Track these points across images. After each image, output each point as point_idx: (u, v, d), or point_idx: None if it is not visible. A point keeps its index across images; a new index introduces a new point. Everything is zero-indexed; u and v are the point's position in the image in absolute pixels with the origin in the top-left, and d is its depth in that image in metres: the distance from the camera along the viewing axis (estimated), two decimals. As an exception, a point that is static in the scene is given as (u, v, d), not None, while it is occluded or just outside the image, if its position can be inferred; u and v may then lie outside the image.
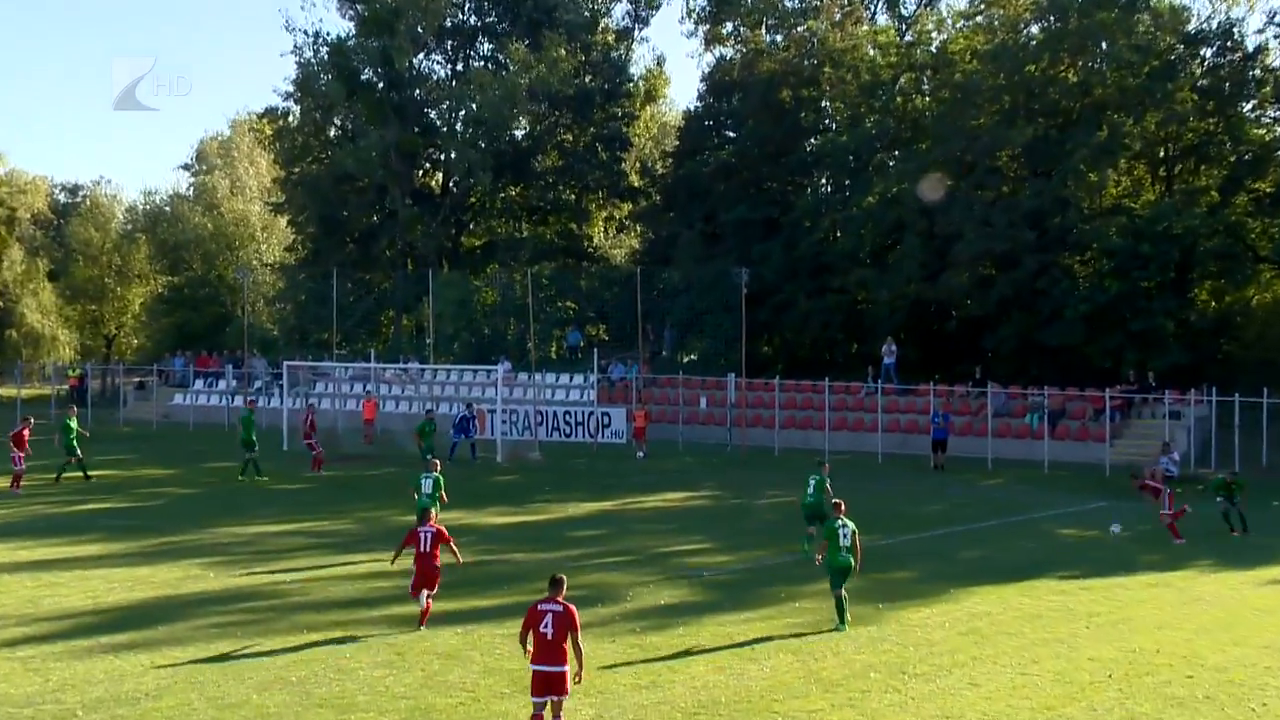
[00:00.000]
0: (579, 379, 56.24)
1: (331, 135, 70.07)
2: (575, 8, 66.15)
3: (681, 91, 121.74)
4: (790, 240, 56.77)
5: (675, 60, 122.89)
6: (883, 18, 63.58)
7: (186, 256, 79.97)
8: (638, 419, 48.22)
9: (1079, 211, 51.06)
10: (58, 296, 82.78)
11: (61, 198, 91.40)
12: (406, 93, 66.20)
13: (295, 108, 69.61)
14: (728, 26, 63.86)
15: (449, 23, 66.94)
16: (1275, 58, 51.93)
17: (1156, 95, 50.64)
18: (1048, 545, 29.68)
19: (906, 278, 52.79)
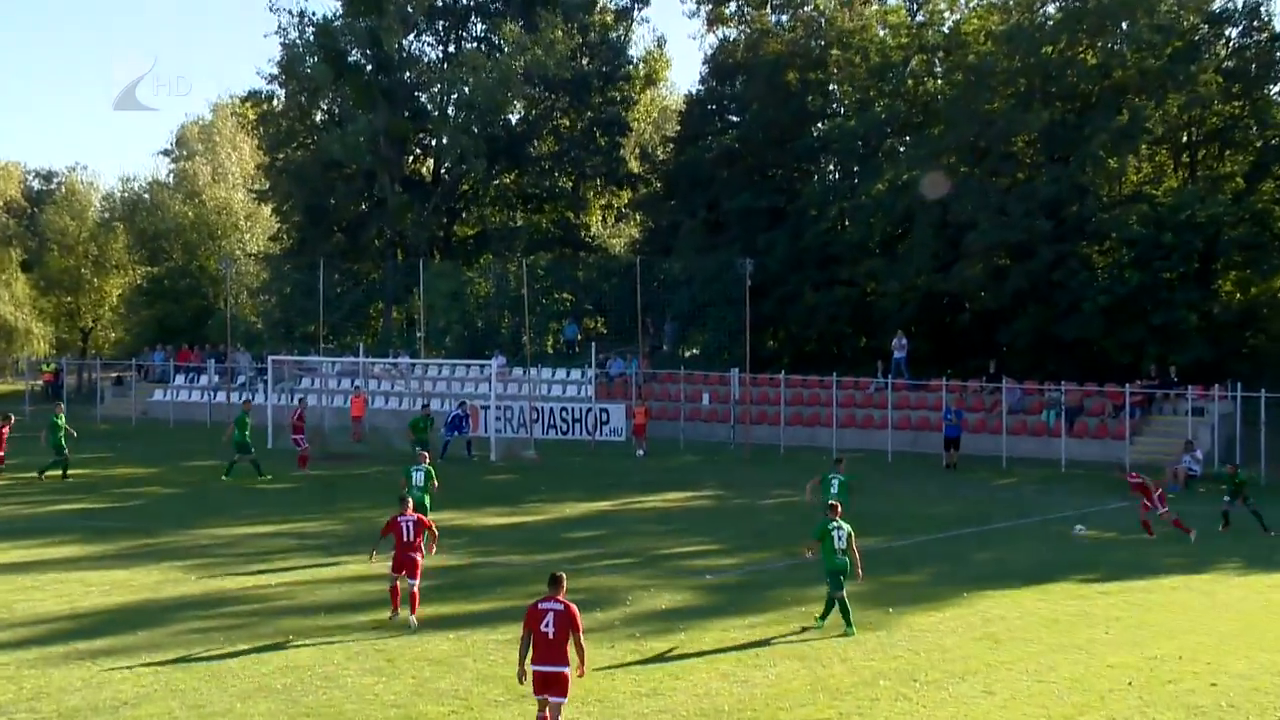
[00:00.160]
0: (576, 374, 56.22)
1: (318, 120, 69.96)
2: (572, -14, 66.14)
3: (683, 74, 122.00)
4: (796, 230, 56.75)
5: (676, 42, 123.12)
6: (893, -3, 63.57)
7: (166, 246, 79.90)
8: (637, 416, 48.22)
9: (1098, 199, 51.04)
10: (31, 288, 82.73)
11: (35, 184, 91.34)
12: (396, 75, 66.12)
13: (280, 91, 69.49)
14: (731, 6, 63.79)
15: (440, 2, 66.86)
16: (1303, 38, 51.94)
17: (1179, 77, 50.60)
18: (1065, 547, 29.69)
19: (917, 269, 52.78)
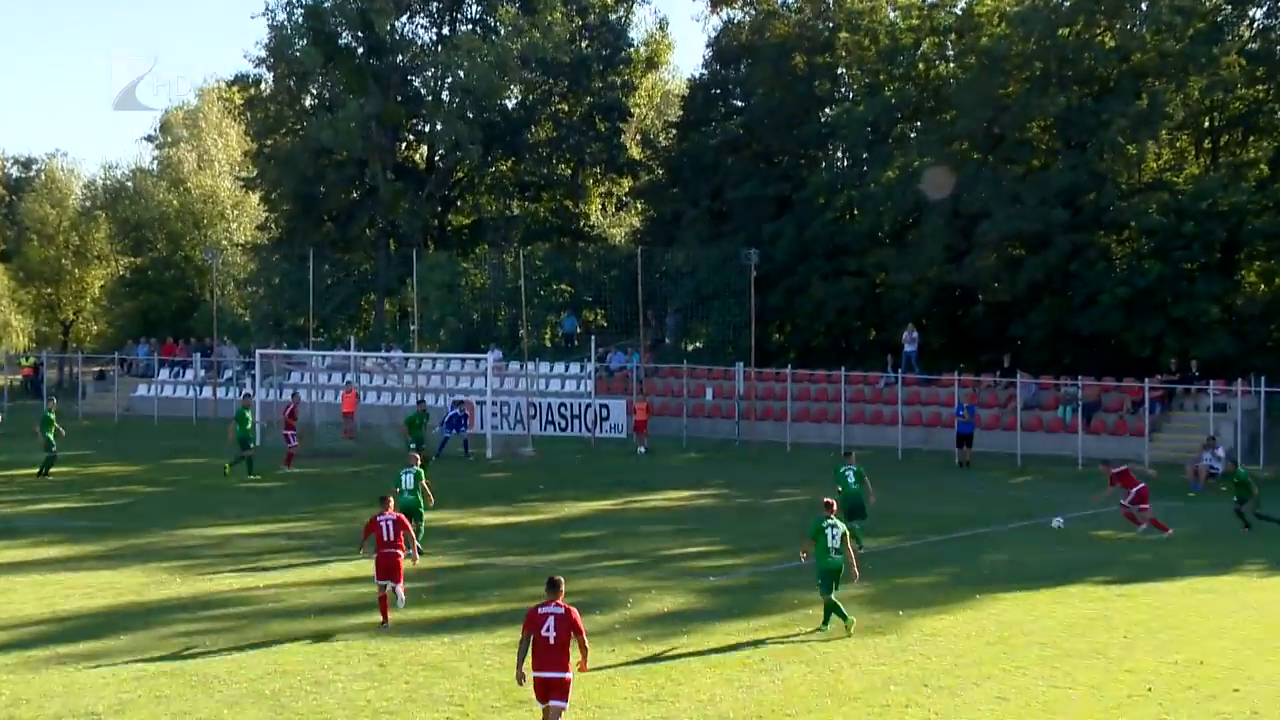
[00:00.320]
0: (575, 368, 56.21)
1: (307, 105, 69.85)
2: (571, -33, 66.09)
3: (686, 58, 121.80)
4: (803, 219, 56.71)
5: (679, 24, 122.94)
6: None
7: (150, 236, 79.84)
8: (638, 411, 48.22)
9: (1116, 187, 50.99)
10: (10, 279, 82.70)
11: (14, 172, 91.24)
12: (388, 59, 66.03)
13: (268, 75, 69.44)
14: (736, -13, 63.71)
15: (434, -17, 66.88)
16: (1330, 20, 51.88)
17: (1201, 60, 50.52)
18: (1082, 548, 29.68)
19: (929, 259, 52.75)
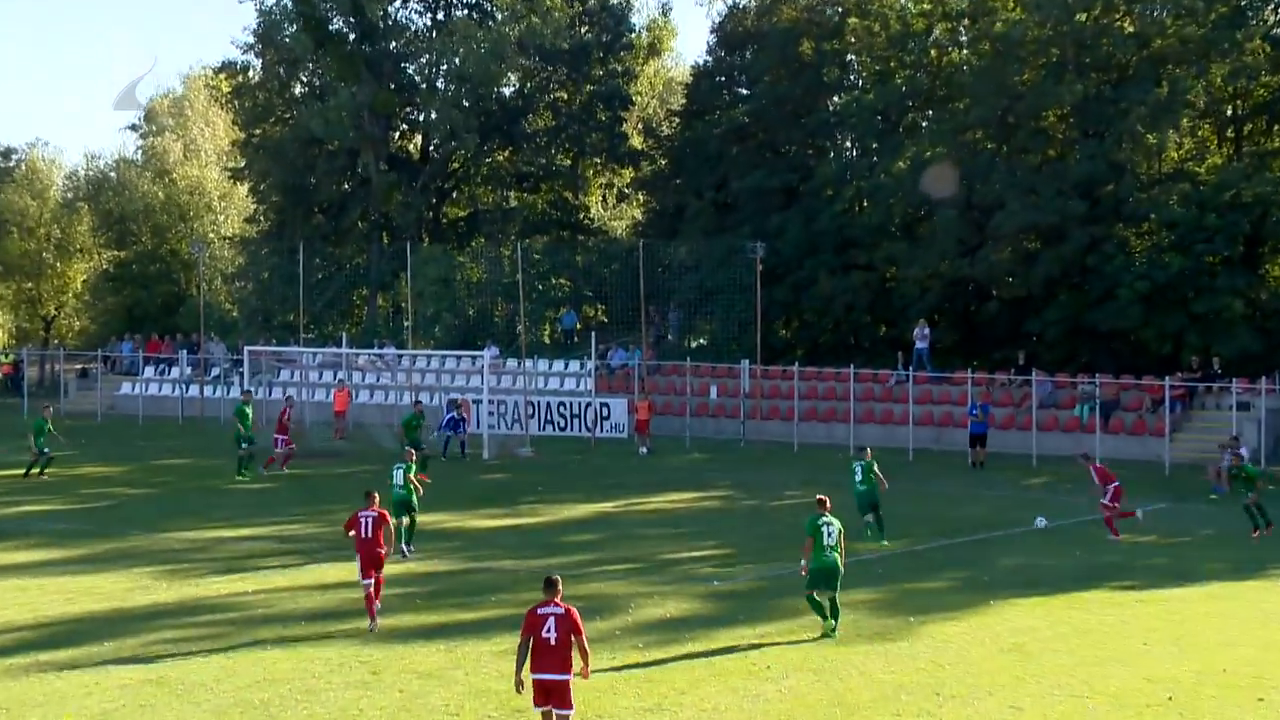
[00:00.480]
0: (575, 366, 56.23)
1: (297, 93, 69.89)
2: (570, -51, 66.09)
3: (689, 44, 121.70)
4: (811, 211, 56.71)
5: (682, 8, 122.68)
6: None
7: (134, 228, 79.84)
8: (640, 411, 48.22)
9: (1135, 178, 50.96)
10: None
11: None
12: (381, 45, 66.01)
13: (256, 62, 69.47)
14: (741, -30, 63.77)
15: (428, -34, 66.92)
16: (1357, 5, 51.84)
17: (1223, 45, 50.49)
18: (1099, 552, 29.66)
19: (941, 253, 52.74)
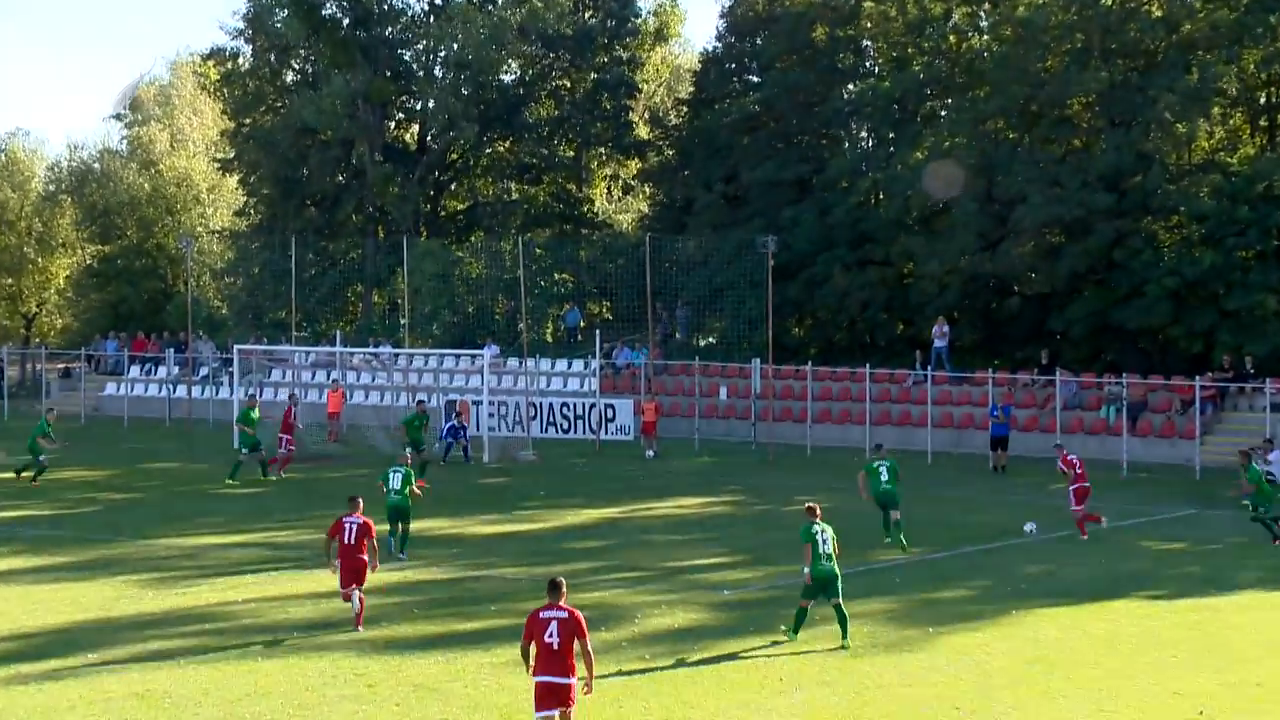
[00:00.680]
0: (578, 366, 56.22)
1: (288, 80, 69.88)
2: (573, -69, 66.08)
3: (698, 29, 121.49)
4: (824, 204, 56.66)
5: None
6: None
7: (119, 222, 79.89)
8: (647, 412, 48.20)
9: (1164, 169, 50.86)
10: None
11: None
12: (376, 30, 66.04)
13: (246, 48, 69.46)
14: (752, -47, 63.64)
15: (426, -51, 66.91)
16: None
17: (1256, 30, 50.38)
18: (1127, 559, 29.62)
19: (960, 248, 52.66)
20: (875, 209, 57.01)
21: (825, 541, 21.56)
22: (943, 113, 57.61)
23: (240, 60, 69.89)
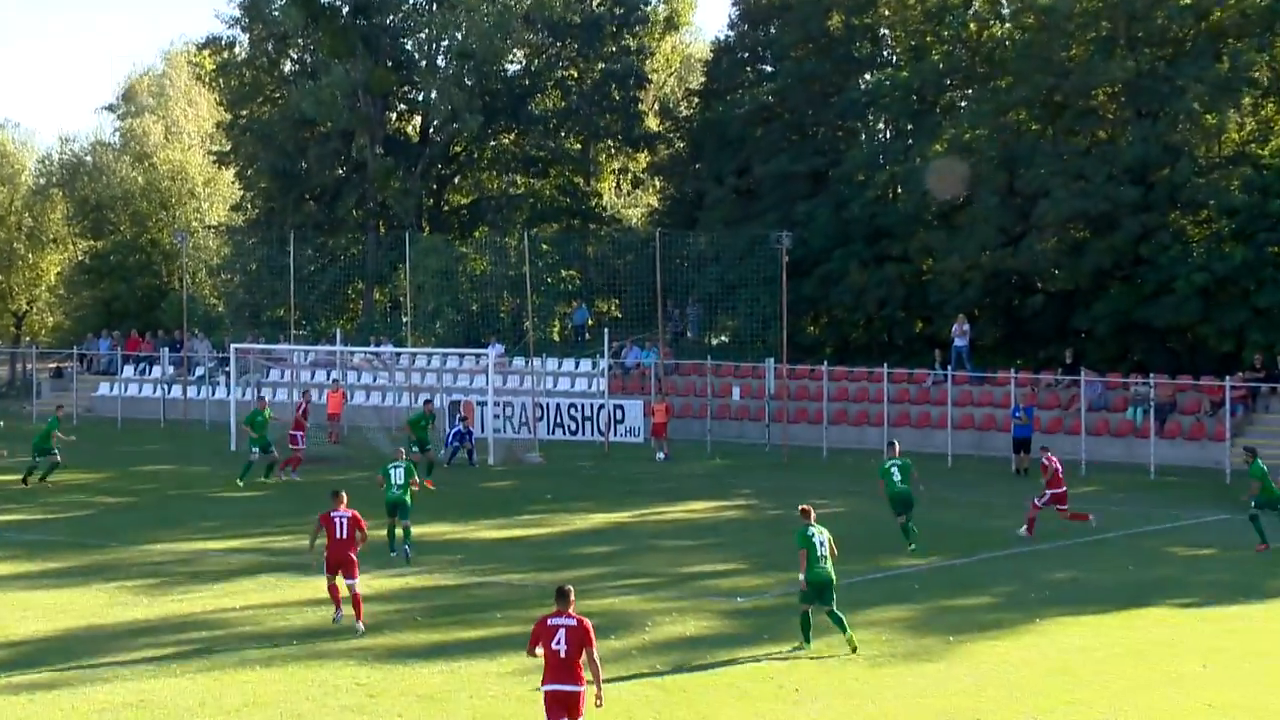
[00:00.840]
0: (586, 365, 56.22)
1: (286, 71, 69.94)
2: (581, -84, 66.07)
3: (710, 17, 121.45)
4: (840, 198, 56.62)
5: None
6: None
7: (112, 216, 79.97)
8: (657, 413, 48.20)
9: (1193, 161, 50.79)
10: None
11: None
12: (377, 19, 66.07)
13: (243, 37, 69.52)
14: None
15: (428, -66, 66.93)
16: None
17: (1288, 18, 50.36)
18: (1155, 566, 29.59)
19: (981, 243, 52.63)
20: (893, 203, 56.95)
21: (821, 544, 21.64)
22: (963, 104, 57.56)
23: (237, 49, 69.95)
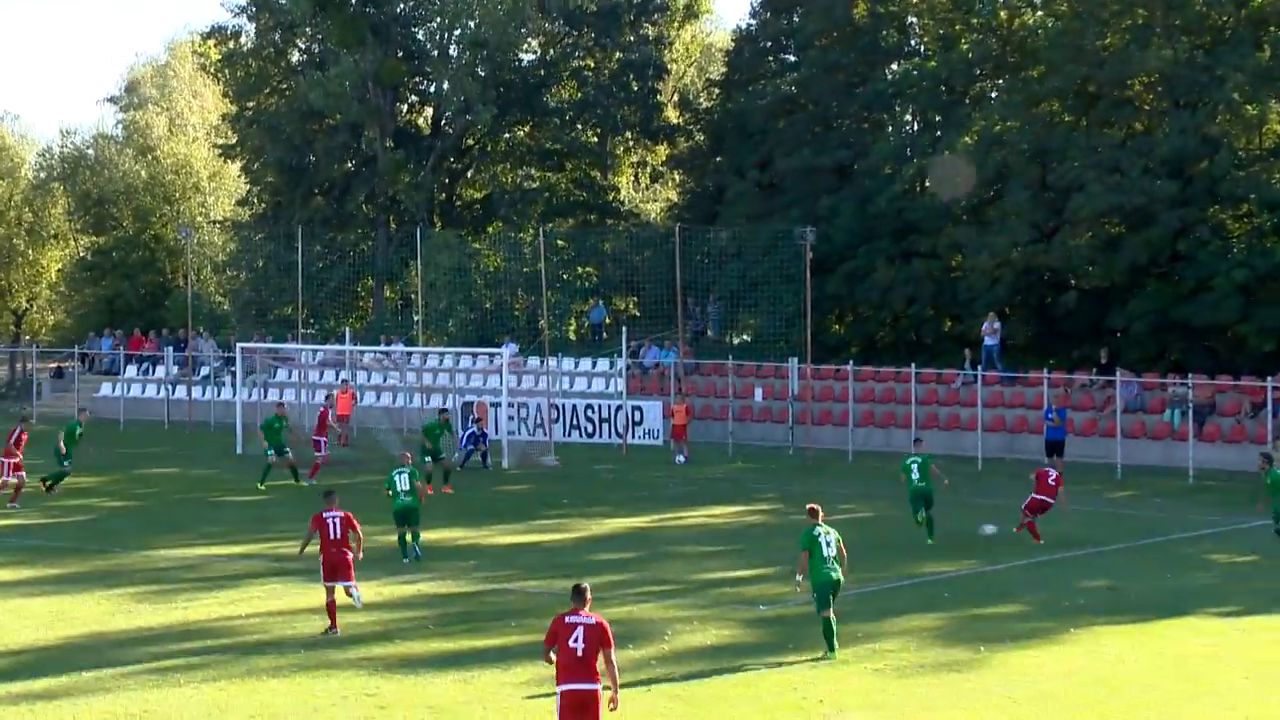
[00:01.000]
0: (604, 365, 56.23)
1: (294, 61, 70.09)
2: (598, -100, 66.09)
3: (731, 5, 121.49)
4: (866, 192, 56.55)
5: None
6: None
7: (115, 211, 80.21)
8: (677, 415, 48.18)
9: (1232, 154, 50.66)
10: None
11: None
12: (387, 8, 66.18)
13: (249, 26, 69.68)
14: (789, -77, 63.58)
15: (440, -80, 66.99)
16: None
17: (1332, 5, 50.20)
18: (1194, 574, 29.53)
19: (1012, 239, 52.52)
20: (920, 197, 56.88)
21: (829, 545, 21.74)
22: (993, 94, 57.45)
23: (243, 39, 70.07)
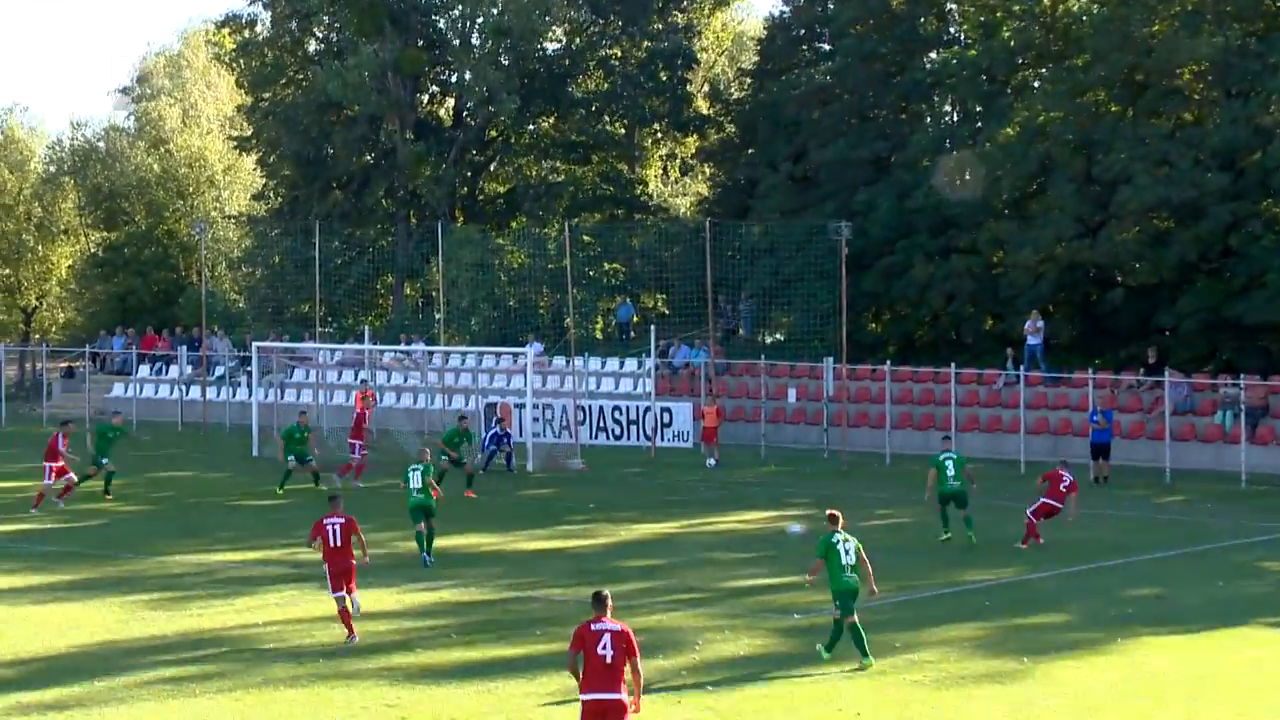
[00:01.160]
0: (632, 365, 56.23)
1: (311, 50, 70.28)
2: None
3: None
4: (904, 186, 56.49)
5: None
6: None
7: (126, 206, 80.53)
8: (707, 417, 48.15)
9: (1286, 145, 50.52)
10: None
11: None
12: (408, -5, 66.38)
13: (265, 15, 69.90)
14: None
15: (462, -95, 67.07)
16: None
17: (1389, -8, 50.00)
18: (1246, 582, 29.37)
19: (1056, 234, 52.41)
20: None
21: (848, 552, 21.75)
22: (1036, 84, 57.32)
23: (258, 28, 70.33)
